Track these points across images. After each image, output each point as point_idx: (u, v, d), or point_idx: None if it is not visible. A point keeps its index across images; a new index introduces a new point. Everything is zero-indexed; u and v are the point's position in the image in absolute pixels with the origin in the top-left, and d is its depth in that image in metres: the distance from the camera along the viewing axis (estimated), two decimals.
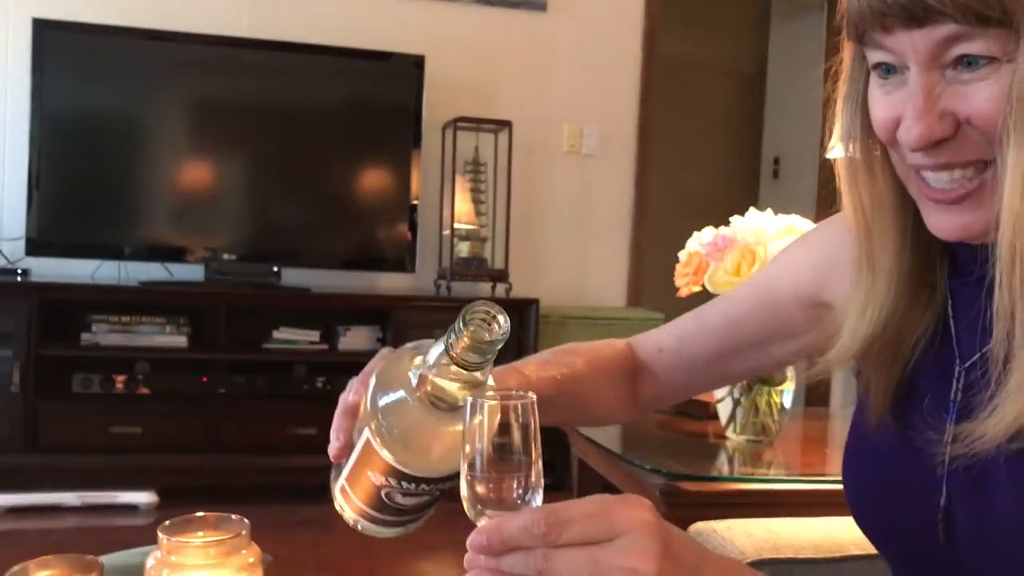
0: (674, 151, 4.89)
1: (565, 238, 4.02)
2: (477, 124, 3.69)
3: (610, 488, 1.76)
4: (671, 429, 1.82)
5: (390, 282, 3.71)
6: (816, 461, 1.55)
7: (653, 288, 3.82)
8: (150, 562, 0.84)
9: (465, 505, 0.58)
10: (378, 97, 3.60)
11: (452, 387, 0.65)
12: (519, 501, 0.56)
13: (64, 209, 3.30)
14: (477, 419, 0.57)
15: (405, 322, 3.44)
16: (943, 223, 0.62)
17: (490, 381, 0.67)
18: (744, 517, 1.17)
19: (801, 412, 2.41)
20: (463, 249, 3.67)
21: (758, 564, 1.05)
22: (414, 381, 0.67)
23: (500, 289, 3.65)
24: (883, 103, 0.62)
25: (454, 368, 0.63)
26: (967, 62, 0.57)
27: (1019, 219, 0.55)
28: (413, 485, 0.69)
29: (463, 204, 3.70)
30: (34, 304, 3.09)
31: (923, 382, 0.70)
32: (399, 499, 0.70)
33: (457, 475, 0.59)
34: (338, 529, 3.04)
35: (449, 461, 0.64)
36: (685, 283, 1.61)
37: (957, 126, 0.58)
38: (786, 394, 1.61)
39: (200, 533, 0.87)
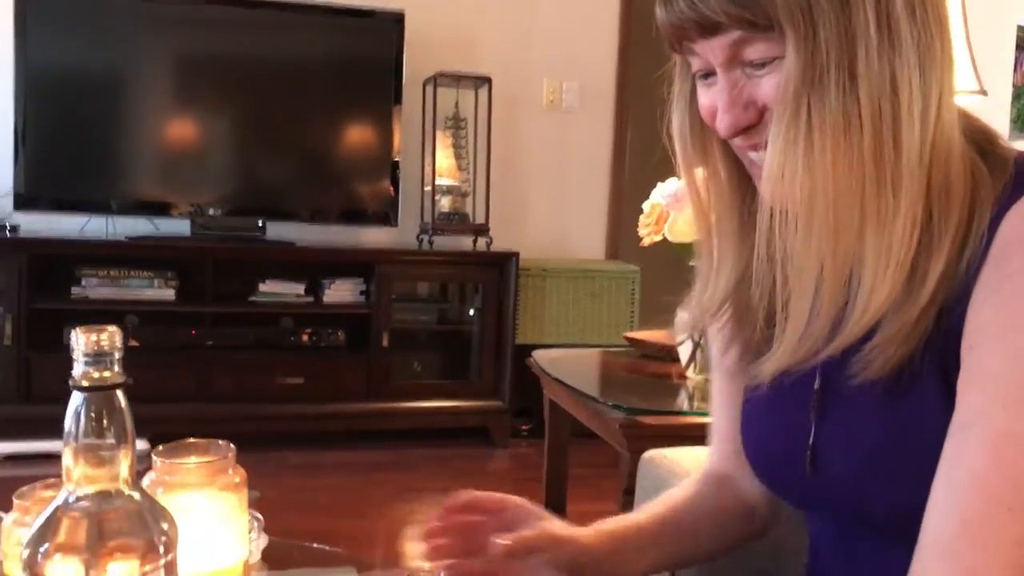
0: (653, 105, 4.92)
1: (545, 192, 4.09)
2: (457, 79, 3.74)
3: (578, 426, 1.86)
4: (637, 371, 1.92)
5: (373, 236, 3.79)
6: None
7: (631, 241, 3.90)
8: (146, 481, 0.94)
9: None
10: (359, 53, 3.64)
11: None
12: None
13: (50, 165, 3.35)
14: None
15: (388, 275, 3.53)
16: None
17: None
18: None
19: None
20: (445, 204, 3.74)
21: None
22: None
23: (481, 243, 3.73)
24: (705, 95, 0.73)
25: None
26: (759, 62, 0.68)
27: (775, 188, 0.66)
28: None
29: (444, 159, 3.76)
30: (24, 259, 3.16)
31: None
32: None
33: None
34: (325, 474, 3.18)
35: None
36: (647, 233, 1.69)
37: (761, 114, 0.69)
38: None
39: (191, 456, 0.96)
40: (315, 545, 1.15)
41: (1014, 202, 0.64)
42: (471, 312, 3.76)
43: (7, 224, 3.28)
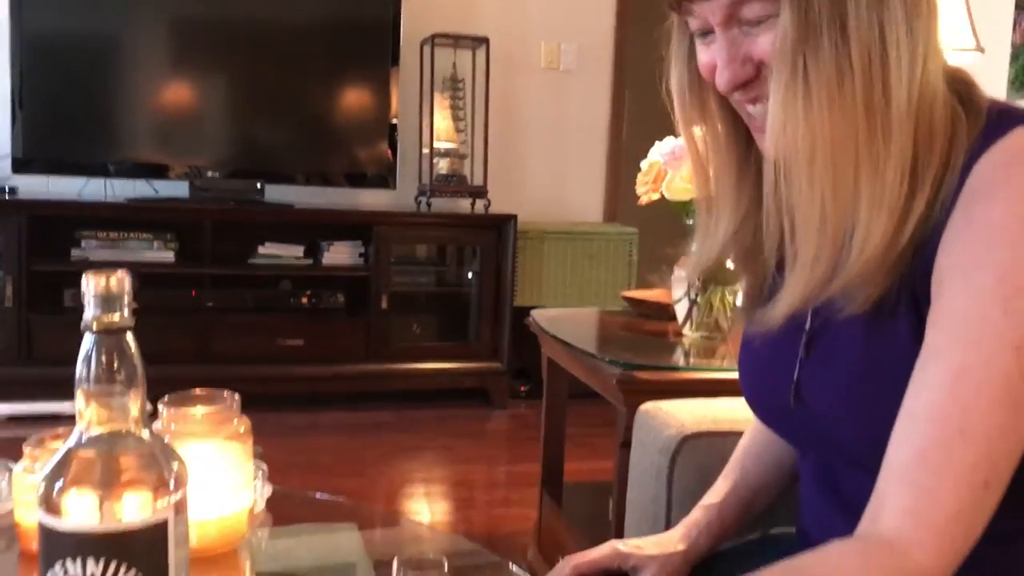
0: (651, 67, 4.91)
1: (543, 154, 4.09)
2: (455, 40, 3.72)
3: (575, 387, 1.89)
4: (634, 329, 1.94)
5: (372, 198, 3.79)
6: None
7: (629, 203, 3.91)
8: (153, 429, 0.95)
9: None
10: (357, 14, 3.62)
11: None
12: None
13: (48, 127, 3.34)
14: None
15: (387, 237, 3.54)
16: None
17: None
18: None
19: None
20: (443, 166, 3.74)
21: (697, 436, 1.18)
22: None
23: (479, 205, 3.74)
24: (704, 52, 0.76)
25: None
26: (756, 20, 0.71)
27: (778, 141, 0.69)
28: None
29: (442, 121, 3.75)
30: (24, 221, 3.16)
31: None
32: None
33: None
34: (325, 434, 3.21)
35: None
36: (645, 191, 1.70)
37: (758, 69, 0.72)
38: (739, 294, 1.72)
39: (196, 406, 0.98)
40: (318, 495, 1.17)
41: (985, 149, 0.68)
42: (470, 274, 3.77)
43: (5, 187, 3.28)
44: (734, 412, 1.22)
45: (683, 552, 0.93)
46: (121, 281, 0.59)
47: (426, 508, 2.64)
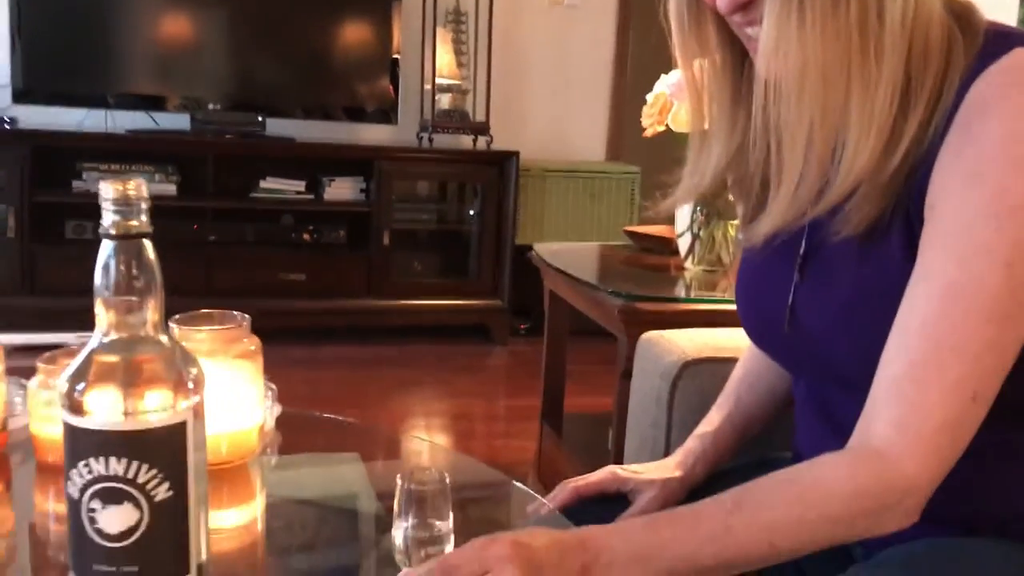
0: (657, 4, 4.84)
1: (546, 91, 4.05)
2: None
3: (575, 314, 1.91)
4: (636, 263, 1.96)
5: (374, 133, 3.77)
6: None
7: (632, 142, 3.90)
8: None
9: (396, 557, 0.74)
10: None
11: None
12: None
13: (47, 58, 3.31)
14: None
15: (388, 173, 3.53)
16: None
17: None
18: None
19: None
20: (444, 102, 3.71)
21: (699, 361, 1.20)
22: None
23: (481, 142, 3.72)
24: None
25: None
26: None
27: (770, 61, 0.69)
28: None
29: (444, 56, 3.71)
30: (26, 152, 3.15)
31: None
32: None
33: None
34: (327, 368, 3.23)
35: None
36: (651, 123, 1.70)
37: None
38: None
39: (207, 325, 1.00)
40: (326, 415, 1.19)
41: (982, 70, 0.68)
42: (471, 211, 3.77)
43: (5, 117, 3.26)
44: (735, 340, 1.23)
45: (680, 478, 0.95)
46: (139, 187, 0.60)
47: (426, 440, 2.68)
